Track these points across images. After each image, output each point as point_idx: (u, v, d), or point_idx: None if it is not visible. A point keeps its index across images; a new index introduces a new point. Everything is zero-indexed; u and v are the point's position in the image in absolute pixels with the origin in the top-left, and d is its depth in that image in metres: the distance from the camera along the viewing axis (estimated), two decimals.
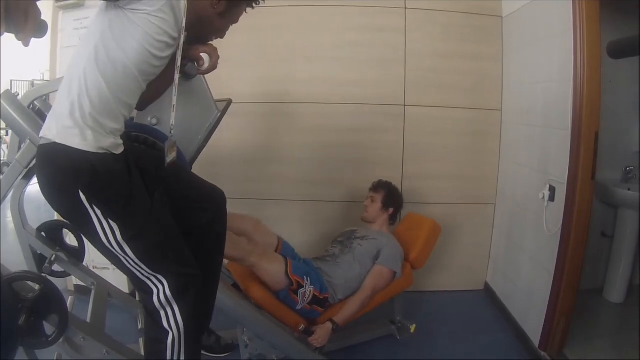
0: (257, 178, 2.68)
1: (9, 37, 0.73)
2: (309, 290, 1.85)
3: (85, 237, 1.12)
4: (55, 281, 1.34)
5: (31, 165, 1.40)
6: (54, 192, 1.08)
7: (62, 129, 1.02)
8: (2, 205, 1.45)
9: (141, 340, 1.76)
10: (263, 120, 2.65)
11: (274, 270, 1.82)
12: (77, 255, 1.77)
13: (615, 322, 2.37)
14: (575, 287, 1.88)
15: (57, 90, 1.09)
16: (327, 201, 2.68)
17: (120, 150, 1.10)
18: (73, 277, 1.97)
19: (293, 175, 2.66)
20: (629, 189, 2.41)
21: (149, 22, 1.00)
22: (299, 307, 1.85)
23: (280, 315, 1.84)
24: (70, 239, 1.82)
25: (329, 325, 1.88)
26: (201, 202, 1.30)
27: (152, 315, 1.14)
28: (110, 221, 1.05)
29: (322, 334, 1.86)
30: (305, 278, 1.85)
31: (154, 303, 1.12)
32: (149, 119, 1.33)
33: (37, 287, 1.19)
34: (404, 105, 2.59)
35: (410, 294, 2.43)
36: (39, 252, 1.61)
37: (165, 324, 1.13)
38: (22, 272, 1.21)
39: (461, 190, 2.68)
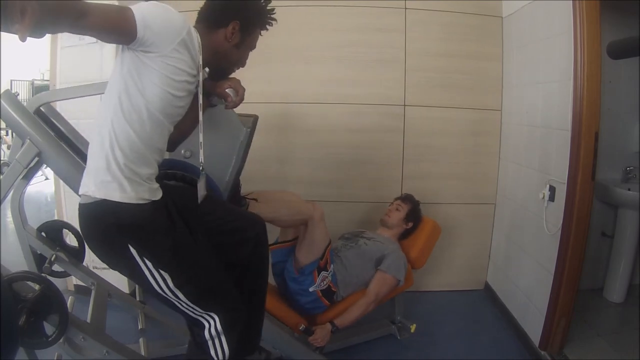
0: (256, 178, 2.67)
1: (9, 37, 0.73)
2: (329, 277, 1.90)
3: (138, 285, 1.18)
4: (55, 281, 1.34)
5: (31, 165, 1.40)
6: (104, 249, 1.12)
7: (101, 184, 1.05)
8: (2, 205, 1.45)
9: (141, 340, 1.77)
10: (263, 120, 2.63)
11: (322, 237, 1.87)
12: (77, 255, 1.77)
13: (615, 321, 2.37)
14: (575, 287, 1.88)
15: (67, 99, 1.11)
16: (327, 201, 2.67)
17: (159, 195, 1.13)
18: (73, 277, 1.97)
19: (293, 175, 2.66)
20: (629, 189, 2.41)
21: (165, 64, 1.01)
22: (312, 289, 1.87)
23: (280, 315, 1.84)
24: (70, 239, 1.82)
25: (328, 326, 1.89)
26: (241, 234, 1.33)
27: (200, 345, 1.21)
28: (162, 271, 1.09)
29: (322, 334, 1.86)
30: (332, 265, 1.92)
31: (204, 336, 1.19)
32: (182, 152, 1.36)
33: (37, 287, 1.19)
34: (404, 105, 2.59)
35: (411, 293, 2.44)
36: (39, 252, 1.61)
37: (212, 353, 1.20)
38: (22, 272, 1.22)
39: (461, 190, 2.68)
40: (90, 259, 1.81)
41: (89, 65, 2.32)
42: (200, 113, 1.17)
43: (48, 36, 1.05)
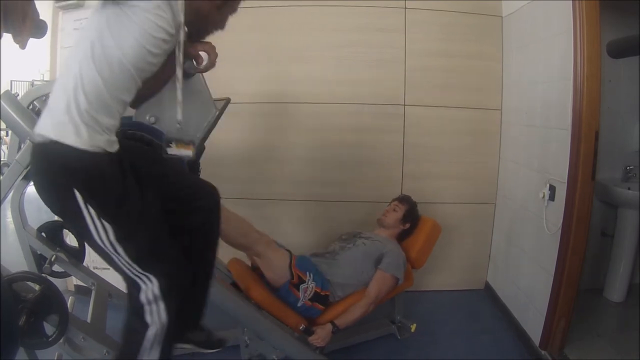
0: (256, 178, 2.68)
1: (9, 38, 0.73)
2: (311, 286, 1.86)
3: (78, 234, 1.12)
4: (55, 281, 1.34)
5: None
6: (49, 191, 1.08)
7: (57, 124, 1.02)
8: (2, 206, 1.45)
9: None
10: (263, 120, 2.65)
11: (279, 261, 1.83)
12: (77, 255, 1.77)
13: (615, 321, 2.37)
14: (575, 286, 1.88)
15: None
16: (327, 201, 2.68)
17: (115, 147, 1.10)
18: (73, 277, 1.97)
19: (293, 175, 2.66)
20: (629, 189, 2.41)
21: (146, 19, 1.00)
22: (300, 303, 1.85)
23: (280, 315, 1.84)
24: (70, 239, 1.82)
25: (329, 326, 1.88)
26: (195, 202, 1.30)
27: (135, 308, 1.15)
28: (104, 222, 1.06)
29: (322, 334, 1.86)
30: (307, 274, 1.87)
31: (140, 299, 1.13)
32: (147, 118, 1.33)
33: (37, 287, 1.19)
34: (404, 105, 2.59)
35: (411, 293, 2.44)
36: (39, 252, 1.61)
37: (148, 318, 1.14)
38: (22, 272, 1.22)
39: (461, 190, 2.68)
40: (91, 259, 1.81)
41: None
42: (179, 71, 1.15)
43: (48, 36, 1.05)
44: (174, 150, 1.20)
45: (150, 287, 1.13)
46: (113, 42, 1.01)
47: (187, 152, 1.21)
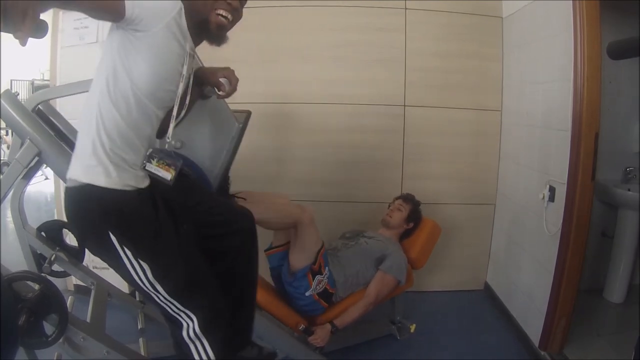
0: (256, 178, 2.67)
1: (9, 37, 0.73)
2: (324, 280, 1.89)
3: (120, 274, 1.14)
4: (55, 281, 1.34)
5: (31, 165, 1.40)
6: (86, 234, 1.11)
7: (87, 168, 1.04)
8: (2, 205, 1.45)
9: (141, 340, 1.77)
10: (263, 120, 2.64)
11: (312, 243, 1.85)
12: (77, 255, 1.77)
13: (615, 322, 2.37)
14: (575, 287, 1.88)
15: (63, 96, 1.10)
16: (327, 201, 2.67)
17: (145, 183, 1.11)
18: (73, 277, 1.97)
19: (292, 175, 2.66)
20: (629, 189, 2.41)
21: (154, 44, 1.00)
22: (308, 293, 1.86)
23: (280, 315, 1.84)
24: (70, 238, 1.82)
25: (328, 326, 1.89)
26: (233, 224, 1.32)
27: (181, 347, 1.18)
28: (141, 261, 1.07)
29: (322, 334, 1.86)
30: (326, 268, 1.91)
31: (183, 337, 1.15)
32: (172, 142, 1.29)
33: (37, 287, 1.19)
34: (404, 106, 2.59)
35: (411, 294, 2.43)
36: (39, 252, 1.62)
37: (196, 357, 1.17)
38: (22, 272, 1.21)
39: (461, 191, 2.68)
40: (90, 259, 1.81)
41: (89, 65, 2.30)
42: (181, 85, 1.13)
43: (48, 36, 1.05)
44: (152, 167, 1.12)
45: (191, 326, 1.14)
46: (125, 73, 1.01)
47: (166, 175, 1.13)
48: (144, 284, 1.09)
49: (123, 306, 1.92)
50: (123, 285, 2.11)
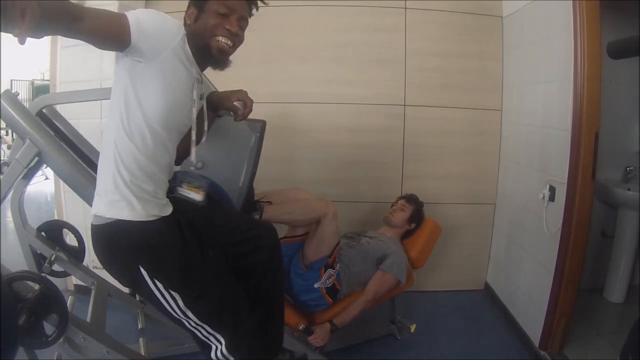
0: (256, 178, 2.67)
1: (9, 37, 0.73)
2: (334, 275, 1.90)
3: (154, 305, 1.17)
4: (55, 281, 1.34)
5: (31, 165, 1.40)
6: (116, 270, 1.14)
7: (110, 203, 1.05)
8: (2, 205, 1.45)
9: (141, 340, 1.77)
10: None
11: (331, 237, 1.86)
12: (77, 255, 1.77)
13: (615, 322, 2.36)
14: (575, 287, 1.88)
15: (71, 102, 1.10)
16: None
17: (169, 210, 1.12)
18: (73, 277, 1.97)
19: (292, 175, 2.66)
20: (629, 189, 2.41)
21: (160, 70, 1.01)
22: (317, 285, 1.88)
23: None
24: (70, 238, 1.82)
25: (328, 326, 1.89)
26: (259, 240, 1.33)
27: None
28: (172, 292, 1.10)
29: (321, 333, 1.86)
30: (339, 264, 1.92)
31: (211, 357, 1.18)
32: (194, 163, 1.30)
33: (37, 287, 1.19)
34: (404, 105, 2.59)
35: (411, 293, 2.43)
36: (39, 251, 1.62)
37: None
38: (22, 272, 1.21)
39: (461, 190, 2.68)
40: (90, 258, 1.81)
41: (89, 65, 2.32)
42: (195, 109, 1.15)
43: (48, 36, 1.04)
44: (184, 191, 1.19)
45: (219, 348, 1.17)
46: (136, 103, 1.02)
47: (197, 196, 1.19)
48: (175, 312, 1.12)
49: (123, 306, 1.91)
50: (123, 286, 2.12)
